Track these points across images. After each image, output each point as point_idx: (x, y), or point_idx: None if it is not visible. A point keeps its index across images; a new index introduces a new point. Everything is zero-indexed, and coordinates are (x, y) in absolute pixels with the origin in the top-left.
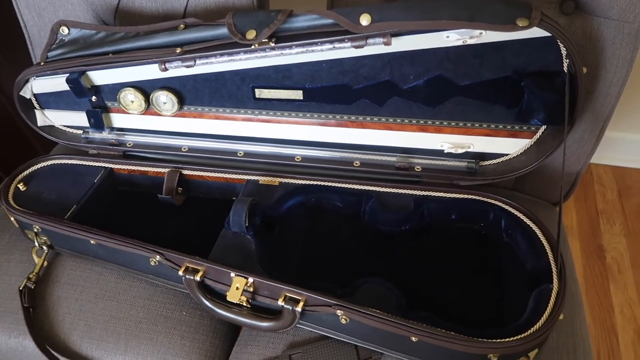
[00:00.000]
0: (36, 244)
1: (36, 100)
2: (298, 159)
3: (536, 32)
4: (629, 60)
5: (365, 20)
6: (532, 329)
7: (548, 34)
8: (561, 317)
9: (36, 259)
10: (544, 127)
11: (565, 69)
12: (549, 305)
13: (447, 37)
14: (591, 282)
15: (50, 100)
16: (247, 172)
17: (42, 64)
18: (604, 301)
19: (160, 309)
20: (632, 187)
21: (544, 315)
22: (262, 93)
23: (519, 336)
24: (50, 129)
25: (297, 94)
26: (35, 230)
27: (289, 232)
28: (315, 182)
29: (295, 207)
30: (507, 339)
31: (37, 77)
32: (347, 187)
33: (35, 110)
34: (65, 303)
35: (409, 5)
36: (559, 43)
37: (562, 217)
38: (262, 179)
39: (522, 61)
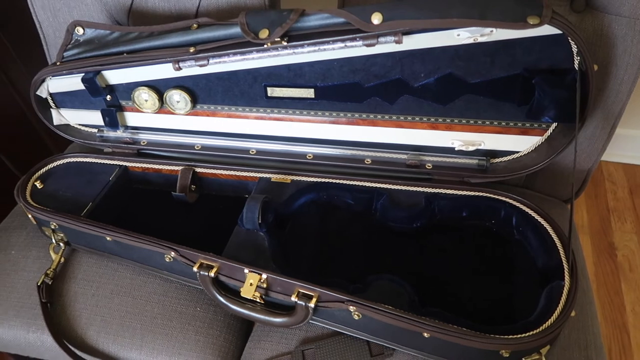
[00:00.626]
0: (53, 240)
1: (52, 99)
2: (310, 156)
3: (547, 30)
4: None
5: (376, 19)
6: (544, 325)
7: (559, 32)
8: (573, 313)
9: (53, 256)
10: (554, 125)
11: (576, 66)
12: (561, 301)
13: (458, 35)
14: (602, 280)
15: (65, 100)
16: (259, 169)
17: (58, 63)
18: (615, 299)
19: (175, 305)
20: None
21: (556, 311)
22: (274, 91)
23: (531, 332)
24: (66, 127)
25: (309, 93)
26: (53, 227)
27: (301, 229)
28: (326, 180)
29: (307, 205)
30: (519, 335)
31: (53, 76)
32: (358, 185)
33: (51, 109)
34: (82, 299)
35: (420, 4)
36: (570, 40)
37: (574, 214)
38: (274, 177)
39: (533, 59)
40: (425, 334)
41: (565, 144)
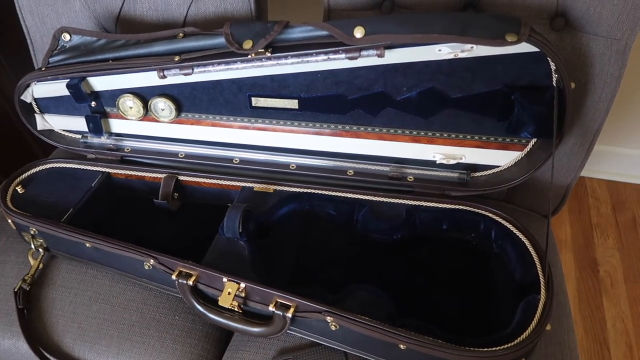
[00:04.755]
0: (32, 246)
1: (36, 104)
2: (293, 167)
3: (526, 47)
4: (617, 77)
5: (359, 32)
6: (519, 338)
7: (538, 49)
8: (548, 327)
9: (32, 261)
10: (534, 140)
11: (554, 83)
12: (536, 315)
13: (439, 50)
14: (584, 295)
15: (50, 105)
16: (242, 179)
17: (43, 69)
18: (596, 314)
19: (153, 313)
20: (626, 202)
21: (531, 325)
22: (258, 101)
23: (506, 345)
24: (50, 133)
25: (293, 103)
26: (32, 232)
27: (282, 238)
28: (309, 190)
29: (289, 214)
30: (494, 348)
31: (38, 82)
32: (340, 196)
33: (36, 114)
34: (60, 305)
35: (402, 19)
36: (548, 58)
37: (551, 229)
38: (257, 186)
39: (513, 75)
40: (402, 346)
41: (544, 159)
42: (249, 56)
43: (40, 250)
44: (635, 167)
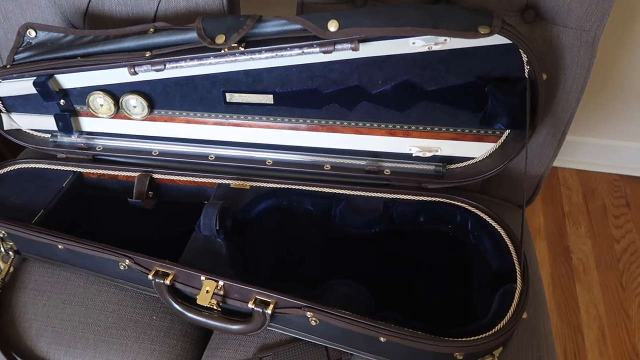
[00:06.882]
0: (2, 249)
1: (2, 103)
2: (269, 162)
3: (498, 40)
4: (587, 67)
5: (332, 26)
6: (496, 327)
7: (510, 41)
8: (525, 315)
9: (2, 265)
10: (508, 132)
11: (526, 75)
12: (513, 304)
13: (413, 43)
14: (558, 283)
15: (17, 104)
16: (218, 175)
17: (8, 66)
18: (570, 301)
19: (130, 314)
20: (596, 190)
21: (508, 313)
22: (232, 97)
23: (484, 334)
24: (17, 132)
25: (268, 98)
26: (1, 235)
27: (260, 235)
28: (286, 186)
29: (267, 211)
30: (472, 338)
31: (3, 80)
32: (317, 191)
33: (2, 113)
34: (32, 309)
35: (375, 12)
36: (520, 50)
37: (526, 219)
38: (234, 183)
39: (486, 67)
40: (382, 339)
41: (517, 150)
42: (222, 51)
43: (11, 253)
44: (605, 156)
